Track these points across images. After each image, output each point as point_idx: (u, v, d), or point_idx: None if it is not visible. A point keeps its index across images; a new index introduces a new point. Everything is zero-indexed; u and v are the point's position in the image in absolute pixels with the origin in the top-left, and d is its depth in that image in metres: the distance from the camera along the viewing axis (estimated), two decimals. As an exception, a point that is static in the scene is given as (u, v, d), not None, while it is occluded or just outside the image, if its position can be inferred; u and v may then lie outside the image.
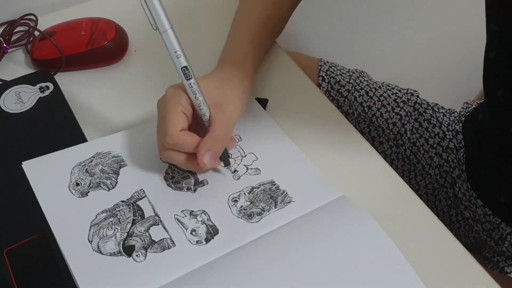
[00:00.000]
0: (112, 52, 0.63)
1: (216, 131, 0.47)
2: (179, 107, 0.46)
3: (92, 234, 0.45)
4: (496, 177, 0.68)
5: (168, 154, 0.47)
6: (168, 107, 0.46)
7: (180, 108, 0.46)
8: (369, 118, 0.79)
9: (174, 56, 0.44)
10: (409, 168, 0.78)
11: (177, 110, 0.46)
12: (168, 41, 0.44)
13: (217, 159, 0.48)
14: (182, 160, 0.47)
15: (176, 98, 0.46)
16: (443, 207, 0.78)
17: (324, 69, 0.81)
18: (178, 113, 0.46)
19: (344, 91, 0.79)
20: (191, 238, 0.46)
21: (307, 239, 0.46)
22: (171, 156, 0.47)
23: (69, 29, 0.63)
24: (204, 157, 0.46)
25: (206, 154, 0.46)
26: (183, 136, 0.46)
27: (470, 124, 0.76)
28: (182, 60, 0.45)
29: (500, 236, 0.69)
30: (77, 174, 0.49)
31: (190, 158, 0.47)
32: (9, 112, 0.56)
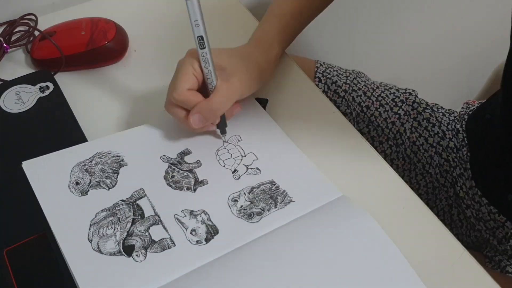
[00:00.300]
0: (112, 52, 0.63)
1: (213, 99, 0.50)
2: (191, 69, 0.50)
3: (92, 233, 0.45)
4: (504, 176, 0.68)
5: (172, 108, 0.51)
6: (182, 67, 0.50)
7: (192, 70, 0.50)
8: (368, 118, 0.79)
9: (193, 24, 0.47)
10: (409, 167, 0.78)
11: (188, 71, 0.50)
12: (191, 9, 0.47)
13: (205, 123, 0.50)
14: (182, 116, 0.51)
15: (191, 61, 0.50)
16: (443, 207, 0.78)
17: (321, 71, 0.81)
18: (189, 74, 0.50)
19: (341, 92, 0.79)
20: (191, 238, 0.46)
21: (307, 239, 0.46)
22: (174, 111, 0.51)
23: (69, 29, 0.63)
24: (192, 116, 0.50)
25: (195, 115, 0.50)
26: (188, 94, 0.49)
27: (475, 123, 0.76)
28: (199, 29, 0.47)
29: (505, 235, 0.69)
30: (77, 174, 0.49)
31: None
32: (9, 112, 0.56)
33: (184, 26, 0.70)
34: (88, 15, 0.66)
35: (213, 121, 0.52)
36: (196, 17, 0.47)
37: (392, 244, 0.46)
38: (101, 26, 0.63)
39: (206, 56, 0.49)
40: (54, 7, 0.70)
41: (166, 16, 0.71)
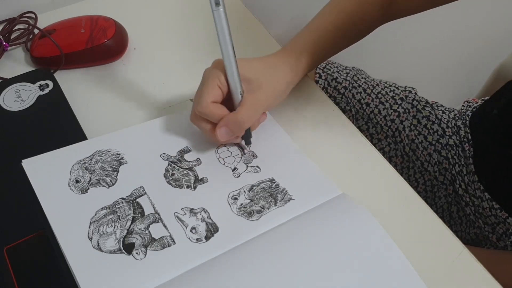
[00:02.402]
0: (112, 49, 0.63)
1: (240, 114, 0.49)
2: (216, 81, 0.49)
3: (92, 231, 0.45)
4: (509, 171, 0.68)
5: (197, 121, 0.51)
6: (207, 78, 0.50)
7: (217, 82, 0.49)
8: (367, 115, 0.79)
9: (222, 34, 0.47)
10: (408, 165, 0.78)
11: (214, 84, 0.49)
12: (218, 18, 0.46)
13: (232, 136, 0.50)
14: (207, 129, 0.51)
15: (217, 73, 0.49)
16: (442, 204, 0.78)
17: (321, 66, 0.81)
18: (214, 87, 0.49)
19: (341, 88, 0.79)
20: (191, 236, 0.46)
21: (307, 237, 0.46)
22: (199, 123, 0.51)
23: (69, 27, 0.63)
24: (219, 129, 0.50)
25: (222, 128, 0.49)
26: (212, 107, 0.49)
27: (479, 118, 0.76)
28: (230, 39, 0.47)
29: (505, 231, 0.69)
30: (76, 172, 0.49)
31: (214, 129, 0.50)
32: (8, 110, 0.56)
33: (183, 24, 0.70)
34: (88, 13, 0.65)
35: (239, 134, 0.51)
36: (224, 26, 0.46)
37: (391, 242, 0.46)
38: (101, 24, 0.63)
39: (233, 67, 0.48)
40: (54, 5, 0.70)
41: (166, 14, 0.71)
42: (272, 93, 0.52)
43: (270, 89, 0.52)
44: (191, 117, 0.51)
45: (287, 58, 0.56)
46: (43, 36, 0.62)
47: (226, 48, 0.47)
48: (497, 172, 0.70)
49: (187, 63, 0.64)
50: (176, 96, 0.60)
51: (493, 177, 0.70)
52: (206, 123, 0.50)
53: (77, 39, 0.62)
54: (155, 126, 0.54)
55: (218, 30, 0.47)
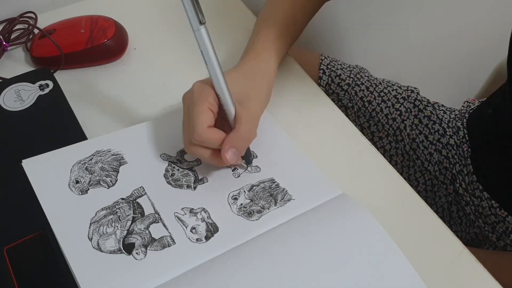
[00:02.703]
0: (112, 49, 0.63)
1: (241, 129, 0.48)
2: (206, 104, 0.47)
3: (92, 231, 0.45)
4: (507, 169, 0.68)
5: (194, 149, 0.48)
6: (195, 103, 0.47)
7: (208, 105, 0.47)
8: (369, 113, 0.79)
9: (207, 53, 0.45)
10: (408, 164, 0.78)
11: (204, 108, 0.47)
12: (200, 38, 0.45)
13: (239, 155, 0.49)
14: (207, 156, 0.48)
15: (204, 95, 0.47)
16: (442, 204, 0.78)
17: (325, 63, 0.81)
18: (206, 111, 0.47)
19: (345, 85, 0.79)
20: (191, 236, 0.46)
21: (307, 237, 0.46)
22: (197, 151, 0.48)
23: (69, 27, 0.63)
24: (227, 153, 0.47)
25: (230, 150, 0.47)
26: (209, 134, 0.47)
27: (476, 119, 0.76)
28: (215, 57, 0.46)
29: (505, 230, 0.70)
30: (76, 172, 0.49)
31: (214, 153, 0.48)
32: (8, 110, 0.56)
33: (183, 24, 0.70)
34: (88, 13, 0.65)
35: (243, 151, 0.50)
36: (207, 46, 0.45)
37: (391, 242, 0.46)
38: (101, 24, 0.63)
39: (222, 84, 0.47)
40: (54, 5, 0.70)
41: (166, 13, 0.71)
42: (261, 100, 0.52)
43: (258, 96, 0.51)
44: (186, 145, 0.49)
45: (260, 62, 0.55)
46: (43, 36, 0.62)
47: (212, 67, 0.46)
48: (495, 171, 0.70)
49: (187, 63, 0.64)
50: (176, 96, 0.59)
51: (491, 176, 0.71)
52: (205, 150, 0.48)
53: (77, 39, 0.62)
54: (155, 126, 0.54)
55: (202, 51, 0.45)
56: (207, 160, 0.49)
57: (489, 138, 0.72)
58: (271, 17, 0.60)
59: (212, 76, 0.46)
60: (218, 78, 0.46)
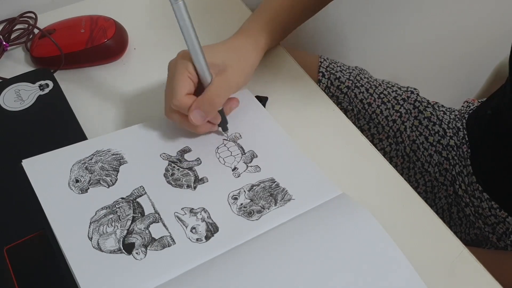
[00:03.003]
0: (112, 49, 0.63)
1: (209, 92, 0.50)
2: (186, 73, 0.49)
3: (92, 231, 0.45)
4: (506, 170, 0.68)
5: (173, 115, 0.51)
6: (176, 71, 0.50)
7: (187, 74, 0.50)
8: (369, 115, 0.79)
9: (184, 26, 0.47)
10: (408, 166, 0.78)
11: (184, 76, 0.50)
12: (178, 11, 0.47)
13: (206, 118, 0.50)
14: (184, 121, 0.51)
15: (184, 64, 0.50)
16: (442, 205, 0.78)
17: (324, 65, 0.81)
18: (185, 79, 0.50)
19: (344, 88, 0.79)
20: (191, 236, 0.46)
21: (307, 237, 0.46)
22: (175, 117, 0.51)
23: (69, 27, 0.63)
24: (191, 113, 0.49)
25: (194, 111, 0.49)
26: (188, 100, 0.49)
27: (476, 120, 0.76)
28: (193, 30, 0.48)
29: (505, 231, 0.69)
30: (76, 171, 0.49)
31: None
32: (8, 110, 0.56)
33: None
34: (88, 13, 0.65)
35: (212, 115, 0.51)
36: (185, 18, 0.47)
37: (391, 242, 0.46)
38: (101, 24, 0.63)
39: (199, 56, 0.49)
40: (54, 5, 0.70)
41: (166, 13, 0.71)
42: (239, 72, 0.53)
43: (237, 68, 0.52)
44: (166, 111, 0.52)
45: (248, 39, 0.57)
46: (43, 36, 0.62)
47: (190, 38, 0.48)
48: (495, 172, 0.70)
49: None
50: (176, 96, 0.60)
51: (491, 177, 0.70)
52: (183, 116, 0.51)
53: (77, 39, 0.62)
54: (155, 126, 0.54)
55: (180, 23, 0.47)
56: (182, 125, 0.52)
57: (488, 138, 0.72)
58: (268, 3, 0.61)
59: (189, 48, 0.49)
60: (195, 50, 0.48)
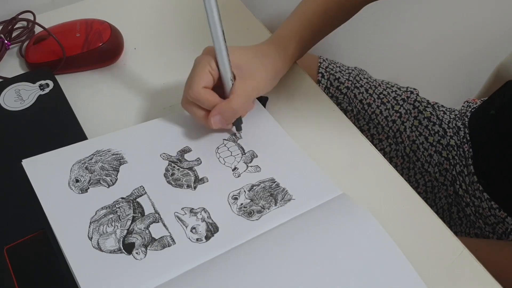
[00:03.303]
0: (109, 52, 0.63)
1: (233, 101, 0.50)
2: (207, 67, 0.50)
3: (92, 231, 0.45)
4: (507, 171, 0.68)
5: (188, 106, 0.51)
6: (198, 64, 0.50)
7: (208, 68, 0.50)
8: (369, 116, 0.79)
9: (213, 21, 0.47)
10: (408, 166, 0.78)
11: (205, 69, 0.50)
12: (209, 6, 0.46)
13: (225, 123, 0.51)
14: (199, 115, 0.51)
15: (207, 59, 0.50)
16: (443, 205, 0.78)
17: (324, 66, 0.81)
18: (205, 72, 0.50)
19: (344, 88, 0.79)
20: (191, 236, 0.46)
21: (307, 237, 0.46)
22: (190, 108, 0.51)
23: (64, 31, 0.62)
24: (213, 117, 0.50)
25: (216, 116, 0.50)
26: (204, 93, 0.49)
27: (478, 119, 0.76)
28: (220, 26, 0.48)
29: (505, 230, 0.69)
30: (76, 171, 0.49)
31: (206, 114, 0.51)
32: (9, 110, 0.56)
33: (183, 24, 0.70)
34: (86, 15, 0.65)
35: (231, 121, 0.52)
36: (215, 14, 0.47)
37: (391, 242, 0.46)
38: (96, 27, 0.62)
39: (223, 54, 0.49)
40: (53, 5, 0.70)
41: (166, 14, 0.71)
42: (262, 81, 0.53)
43: (261, 76, 0.52)
44: (182, 102, 0.52)
45: (276, 46, 0.56)
46: (38, 42, 0.62)
47: (216, 34, 0.48)
48: (496, 172, 0.70)
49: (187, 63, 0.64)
50: (176, 96, 0.59)
51: (492, 177, 0.70)
52: (198, 109, 0.51)
53: (73, 43, 0.61)
54: (155, 126, 0.54)
55: (209, 16, 0.47)
56: (197, 119, 0.51)
57: (491, 138, 0.72)
58: (301, 8, 0.61)
59: (215, 44, 0.48)
60: (220, 46, 0.48)
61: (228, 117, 0.51)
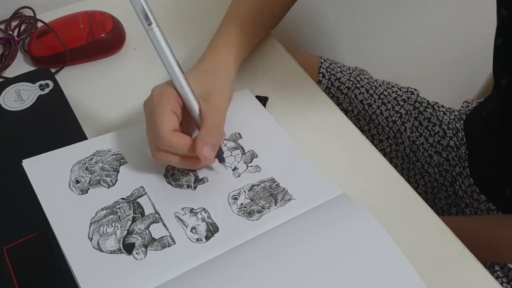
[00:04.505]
0: (112, 42, 0.64)
1: (209, 123, 0.47)
2: (168, 107, 0.45)
3: (92, 231, 0.45)
4: (501, 171, 0.68)
5: (161, 156, 0.47)
6: (157, 107, 0.45)
7: (170, 107, 0.46)
8: (369, 116, 0.79)
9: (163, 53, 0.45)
10: (408, 167, 0.78)
11: (166, 110, 0.45)
12: (154, 38, 0.44)
13: (216, 149, 0.48)
14: (176, 161, 0.47)
15: (165, 98, 0.46)
16: (442, 206, 0.78)
17: (325, 66, 0.81)
18: (168, 113, 0.45)
19: (344, 88, 0.79)
20: (191, 236, 0.46)
21: (307, 237, 0.46)
22: (165, 157, 0.47)
23: (67, 24, 0.63)
24: (203, 151, 0.46)
25: (205, 147, 0.46)
26: (176, 139, 0.45)
27: (472, 121, 0.76)
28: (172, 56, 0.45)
29: None
30: (77, 172, 0.49)
31: (184, 158, 0.47)
32: (9, 110, 0.56)
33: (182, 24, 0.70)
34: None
35: (219, 143, 0.49)
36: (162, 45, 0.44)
37: (391, 242, 0.46)
38: (98, 18, 0.63)
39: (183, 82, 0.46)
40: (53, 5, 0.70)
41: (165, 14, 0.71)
42: (226, 94, 0.50)
43: (222, 90, 0.50)
44: (153, 153, 0.47)
45: (220, 55, 0.54)
46: (41, 35, 0.62)
47: (171, 68, 0.45)
48: (490, 174, 0.70)
49: (187, 63, 0.64)
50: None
51: (487, 179, 0.70)
52: (173, 156, 0.47)
53: (77, 35, 0.62)
54: (155, 126, 0.54)
55: (158, 51, 0.44)
56: (178, 165, 0.48)
57: (483, 140, 0.72)
58: (235, 11, 0.59)
59: (171, 75, 0.46)
60: (177, 76, 0.46)
61: (214, 140, 0.47)
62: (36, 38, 0.63)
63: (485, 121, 0.71)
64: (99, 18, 0.63)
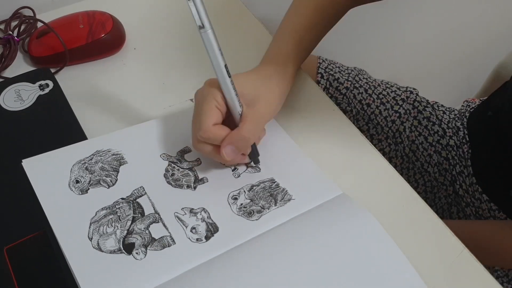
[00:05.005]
0: (112, 42, 0.64)
1: (243, 129, 0.48)
2: (214, 103, 0.48)
3: (92, 231, 0.45)
4: (505, 172, 0.68)
5: (200, 146, 0.49)
6: (204, 101, 0.48)
7: (215, 103, 0.48)
8: (368, 116, 0.79)
9: (213, 55, 0.45)
10: (408, 166, 0.78)
11: (211, 106, 0.48)
12: (207, 40, 0.45)
13: (238, 153, 0.49)
14: (213, 152, 0.49)
15: (212, 94, 0.48)
16: (442, 205, 0.78)
17: (323, 66, 0.81)
18: (213, 109, 0.48)
19: (343, 89, 0.79)
20: (191, 236, 0.46)
21: (307, 237, 0.46)
22: (203, 148, 0.49)
23: (67, 24, 0.63)
24: (224, 148, 0.48)
25: (227, 146, 0.48)
26: (215, 130, 0.48)
27: (476, 120, 0.76)
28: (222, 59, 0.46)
29: None
30: (77, 172, 0.49)
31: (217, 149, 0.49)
32: (8, 110, 0.56)
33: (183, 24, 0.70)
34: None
35: (245, 151, 0.50)
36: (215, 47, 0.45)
37: (391, 242, 0.46)
38: (98, 18, 0.63)
39: (229, 85, 0.47)
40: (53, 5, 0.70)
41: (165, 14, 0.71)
42: (270, 105, 0.51)
43: (267, 100, 0.51)
44: (193, 143, 0.50)
45: (276, 66, 0.55)
46: (41, 36, 0.62)
47: (220, 70, 0.46)
48: (494, 174, 0.70)
49: (187, 63, 0.64)
50: (176, 96, 0.60)
51: (490, 178, 0.70)
52: (210, 146, 0.49)
53: (77, 35, 0.62)
54: (155, 126, 0.54)
55: (209, 52, 0.45)
56: (212, 156, 0.50)
57: (488, 139, 0.72)
58: (292, 23, 0.60)
59: (218, 77, 0.47)
60: (224, 79, 0.47)
61: (240, 146, 0.48)
62: (36, 38, 0.63)
63: (491, 121, 0.71)
64: (99, 18, 0.63)
